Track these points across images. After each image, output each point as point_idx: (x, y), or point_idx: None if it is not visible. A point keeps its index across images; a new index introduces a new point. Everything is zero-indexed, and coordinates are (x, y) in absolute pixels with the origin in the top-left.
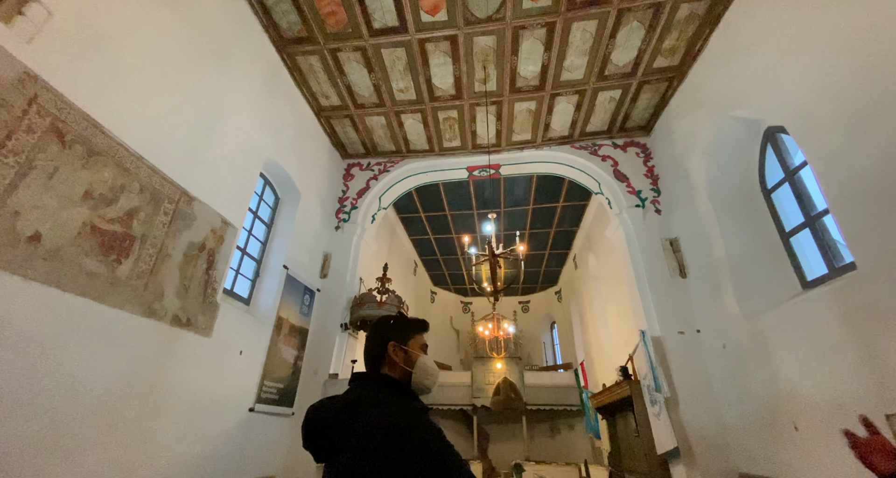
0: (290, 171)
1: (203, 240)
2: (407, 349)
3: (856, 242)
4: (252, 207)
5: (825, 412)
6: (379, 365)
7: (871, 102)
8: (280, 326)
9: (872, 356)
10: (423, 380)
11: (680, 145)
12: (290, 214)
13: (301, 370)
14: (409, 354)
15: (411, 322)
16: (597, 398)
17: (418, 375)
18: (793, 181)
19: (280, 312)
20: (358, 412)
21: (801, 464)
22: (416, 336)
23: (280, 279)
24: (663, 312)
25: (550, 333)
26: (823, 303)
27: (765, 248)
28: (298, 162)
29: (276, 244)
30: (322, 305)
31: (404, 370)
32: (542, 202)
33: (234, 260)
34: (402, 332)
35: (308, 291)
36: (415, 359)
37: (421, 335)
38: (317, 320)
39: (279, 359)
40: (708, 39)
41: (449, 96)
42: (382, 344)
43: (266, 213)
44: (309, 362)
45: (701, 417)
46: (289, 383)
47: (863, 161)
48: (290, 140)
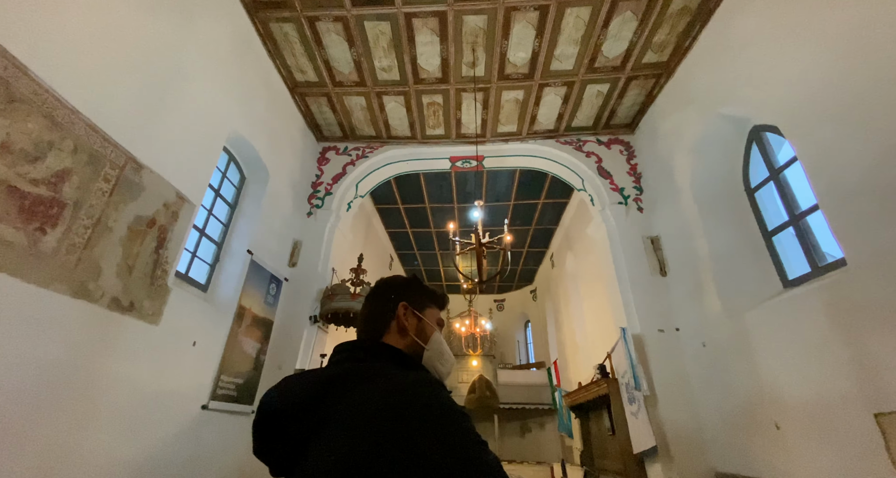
0: (258, 148)
1: (153, 215)
2: (422, 317)
3: (846, 239)
4: (214, 184)
5: (810, 411)
6: (381, 332)
7: (863, 98)
8: (241, 315)
9: (861, 354)
10: (438, 362)
11: (664, 143)
12: (258, 195)
13: (264, 365)
14: (423, 324)
15: (430, 290)
16: (571, 397)
17: (432, 354)
18: (777, 180)
19: (242, 301)
20: (346, 388)
21: (783, 463)
22: (432, 308)
23: (243, 265)
24: (643, 310)
25: (524, 332)
26: (808, 301)
27: (747, 247)
28: (269, 140)
29: (240, 227)
30: (290, 296)
31: (415, 343)
32: (524, 198)
33: (191, 241)
34: (418, 296)
35: (274, 279)
36: (430, 333)
37: (438, 310)
38: (283, 311)
39: (239, 352)
40: (698, 36)
41: (434, 79)
42: (391, 304)
43: (230, 192)
44: (273, 355)
45: (679, 415)
46: (249, 378)
47: (854, 157)
48: (259, 115)
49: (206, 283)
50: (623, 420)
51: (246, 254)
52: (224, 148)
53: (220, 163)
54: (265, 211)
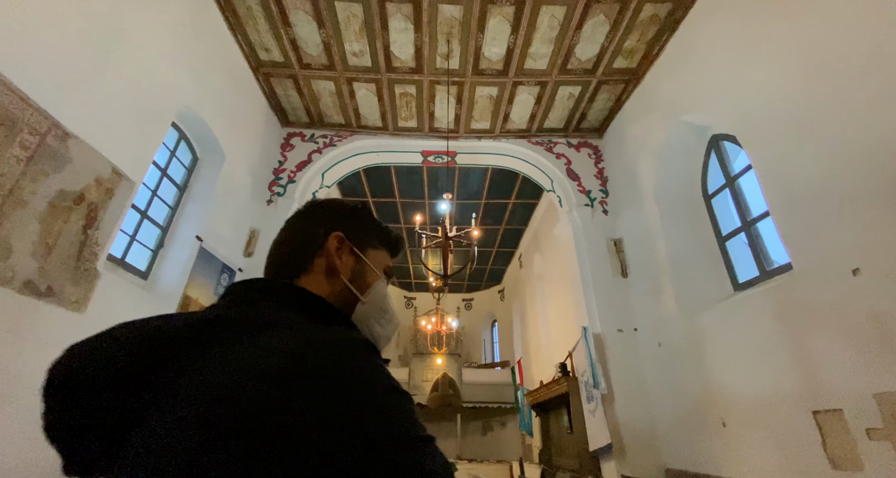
0: (213, 127)
1: (82, 190)
2: (363, 257)
3: (792, 244)
4: (160, 162)
5: (753, 409)
6: (298, 269)
7: (815, 110)
8: (186, 306)
9: (801, 355)
10: (376, 321)
11: (630, 148)
12: (211, 177)
13: None
14: (363, 267)
15: (382, 226)
16: (532, 395)
17: (370, 309)
18: (732, 187)
19: (187, 291)
20: (210, 344)
21: (727, 458)
22: (380, 250)
23: (191, 252)
24: (604, 309)
25: (491, 332)
26: (756, 303)
27: (702, 250)
28: (226, 120)
29: (189, 211)
30: None
31: (346, 291)
32: (495, 197)
33: (130, 223)
34: (363, 229)
35: (227, 269)
36: (370, 281)
37: (388, 254)
38: None
39: None
40: (666, 44)
41: (408, 69)
42: (319, 233)
43: (179, 172)
44: None
45: (634, 413)
46: None
47: (804, 166)
48: (216, 91)
49: (146, 269)
50: (581, 418)
51: (194, 240)
52: (173, 124)
53: (168, 140)
54: (219, 196)
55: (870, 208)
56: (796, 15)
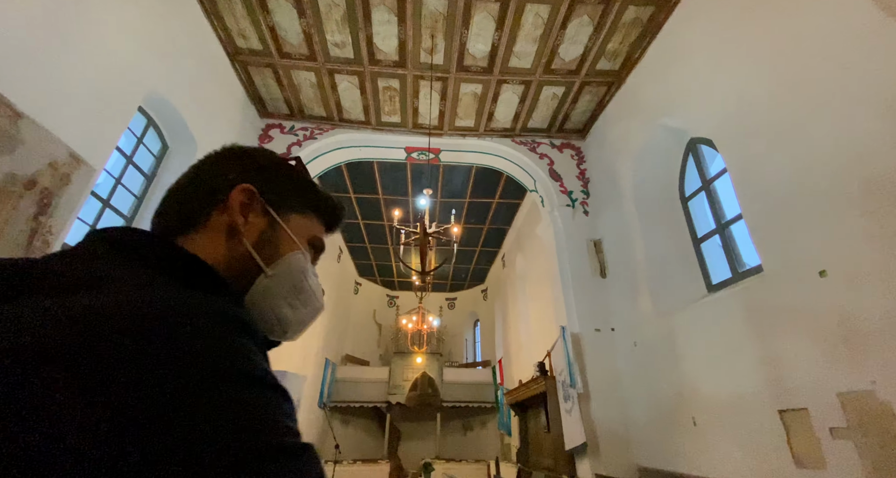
0: (185, 115)
1: (34, 175)
2: (277, 219)
3: (763, 246)
4: (126, 149)
5: (722, 408)
6: (187, 223)
7: (786, 114)
8: None
9: (769, 355)
10: (284, 301)
11: (612, 150)
12: (181, 167)
13: None
14: (277, 232)
15: (314, 189)
16: (512, 395)
17: (275, 284)
18: (708, 191)
19: None
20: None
21: (697, 457)
22: (308, 216)
23: None
24: (583, 309)
25: (473, 331)
26: (728, 304)
27: (678, 252)
28: (199, 107)
29: (156, 201)
30: None
31: (246, 258)
32: (479, 196)
33: (90, 211)
34: (285, 187)
35: None
36: (284, 250)
37: (319, 223)
38: None
39: None
40: (647, 48)
41: (391, 63)
42: (224, 182)
43: (147, 161)
44: None
45: (609, 412)
46: None
47: (775, 170)
48: (189, 77)
49: None
50: (558, 418)
51: None
52: (140, 109)
53: (135, 126)
54: None
55: (837, 211)
56: (770, 22)
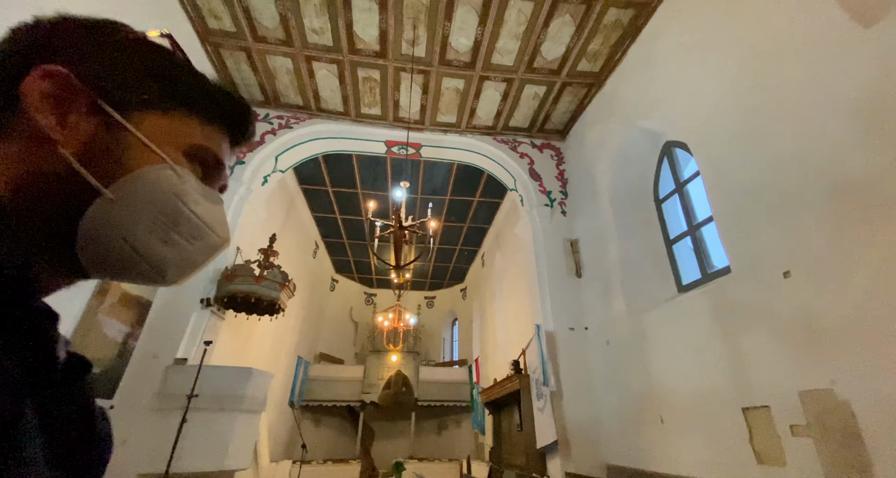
0: None
1: None
2: (116, 115)
3: (732, 247)
4: None
5: (689, 405)
6: None
7: (757, 117)
8: (104, 291)
9: (734, 353)
10: (149, 228)
11: (590, 151)
12: None
13: (133, 352)
14: (117, 136)
15: (186, 73)
16: (486, 393)
17: (130, 209)
18: (681, 193)
19: None
20: None
21: (664, 454)
22: (178, 114)
23: None
24: (558, 308)
25: (451, 330)
26: (696, 304)
27: (651, 253)
28: None
29: None
30: None
31: (69, 176)
32: (460, 194)
33: None
34: (125, 69)
35: None
36: (132, 164)
37: (200, 123)
38: (167, 291)
39: (98, 335)
40: (627, 51)
41: (372, 52)
42: (13, 63)
43: None
44: (148, 342)
45: (580, 411)
46: (111, 367)
47: (745, 172)
48: None
49: None
50: (531, 416)
51: None
52: None
53: None
54: None
55: (802, 212)
56: (744, 28)
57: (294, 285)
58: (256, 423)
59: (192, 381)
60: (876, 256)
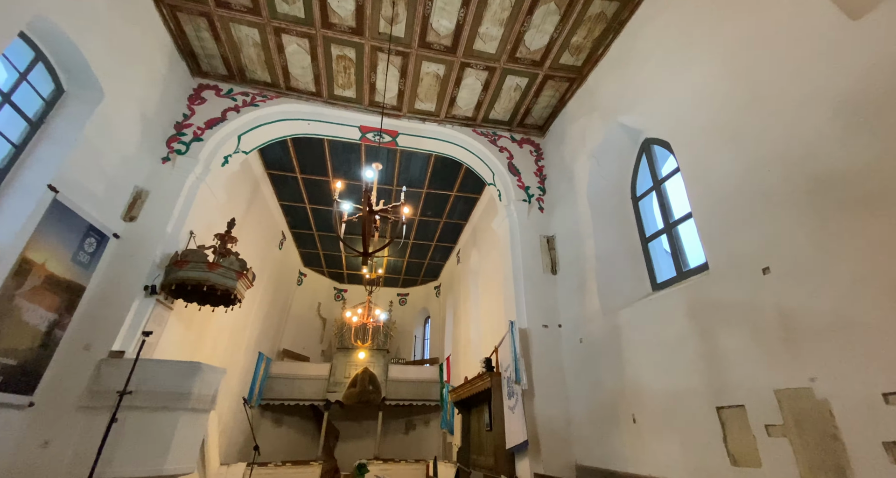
0: (89, 55)
1: None
2: None
3: (711, 244)
4: (2, 86)
5: (662, 404)
6: None
7: (736, 114)
8: (25, 272)
9: (710, 351)
10: None
11: (570, 147)
12: (79, 116)
13: (61, 343)
14: None
15: None
16: (456, 392)
17: None
18: (659, 191)
19: (28, 253)
20: None
21: (635, 454)
22: None
23: (38, 204)
24: (532, 305)
25: (423, 328)
26: (671, 302)
27: (627, 250)
28: (109, 50)
29: (41, 153)
30: (119, 257)
31: None
32: (437, 188)
33: None
34: None
35: (95, 232)
36: None
37: None
38: (105, 276)
39: (14, 321)
40: (610, 45)
41: (347, 29)
42: None
43: (33, 104)
44: (79, 332)
45: (552, 410)
46: (30, 358)
47: (726, 168)
48: (97, 13)
49: None
50: (501, 416)
51: (46, 190)
52: (23, 36)
53: (16, 57)
54: (90, 140)
55: (783, 208)
56: (728, 23)
57: (253, 275)
58: (204, 423)
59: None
60: (858, 251)
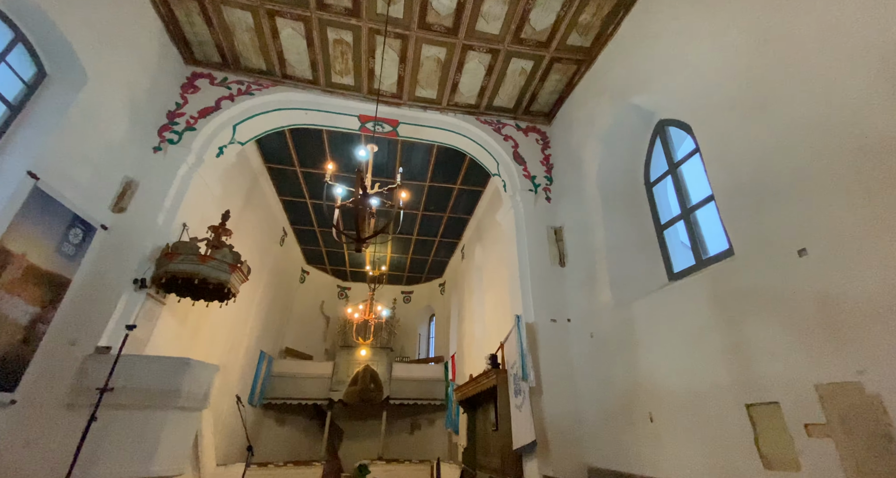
0: (70, 36)
1: None
2: None
3: (736, 228)
4: None
5: (682, 402)
6: None
7: (764, 86)
8: (3, 263)
9: (737, 343)
10: None
11: (578, 134)
12: (62, 101)
13: (44, 338)
14: None
15: None
16: (461, 390)
17: None
18: (675, 174)
19: (8, 244)
20: None
21: (653, 456)
22: None
23: (17, 192)
24: (539, 298)
25: (428, 326)
26: (691, 292)
27: (640, 239)
28: (95, 32)
29: (20, 138)
30: (107, 250)
31: None
32: (440, 181)
33: None
34: None
35: (81, 222)
36: None
37: None
38: (92, 268)
39: None
40: (621, 23)
41: (343, 10)
42: None
43: (11, 87)
44: (64, 327)
45: (561, 408)
46: (10, 354)
47: (753, 143)
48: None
49: None
50: (507, 415)
51: (25, 177)
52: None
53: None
54: (73, 126)
55: (819, 183)
56: None
57: (248, 268)
58: (195, 422)
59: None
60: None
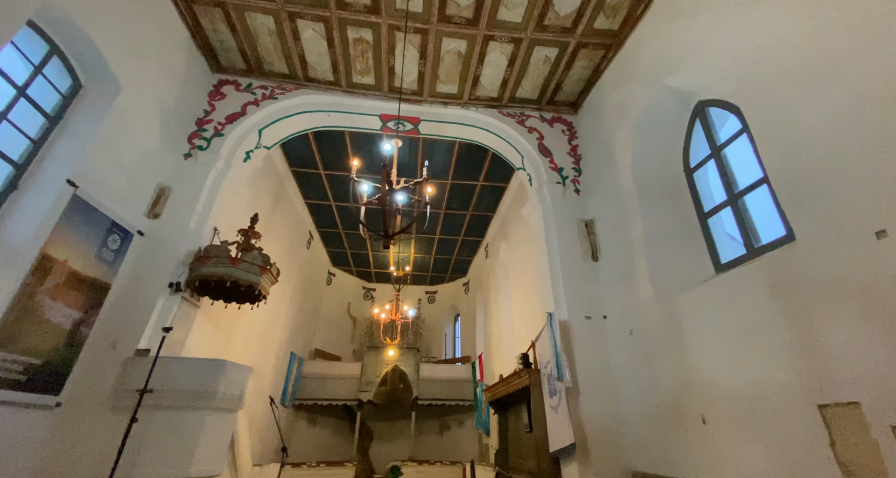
0: (103, 48)
1: None
2: None
3: (795, 212)
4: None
5: (740, 403)
6: None
7: (826, 53)
8: (46, 269)
9: (804, 338)
10: None
11: (608, 121)
12: (97, 111)
13: (86, 341)
14: None
15: None
16: (491, 391)
17: None
18: (718, 158)
19: (49, 249)
20: None
21: (708, 460)
22: None
23: (58, 200)
24: (572, 295)
25: (453, 326)
26: (743, 283)
27: (681, 229)
28: (125, 43)
29: (60, 148)
30: (144, 255)
31: None
32: (462, 178)
33: None
34: None
35: (119, 229)
36: None
37: None
38: (130, 273)
39: (36, 319)
40: (651, 1)
41: (363, 7)
42: None
43: (50, 98)
44: (105, 331)
45: (600, 409)
46: (55, 357)
47: (815, 118)
48: (110, 3)
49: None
50: (542, 416)
51: (65, 185)
52: (32, 24)
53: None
54: (109, 135)
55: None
56: None
57: (278, 270)
58: (230, 423)
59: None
60: None
